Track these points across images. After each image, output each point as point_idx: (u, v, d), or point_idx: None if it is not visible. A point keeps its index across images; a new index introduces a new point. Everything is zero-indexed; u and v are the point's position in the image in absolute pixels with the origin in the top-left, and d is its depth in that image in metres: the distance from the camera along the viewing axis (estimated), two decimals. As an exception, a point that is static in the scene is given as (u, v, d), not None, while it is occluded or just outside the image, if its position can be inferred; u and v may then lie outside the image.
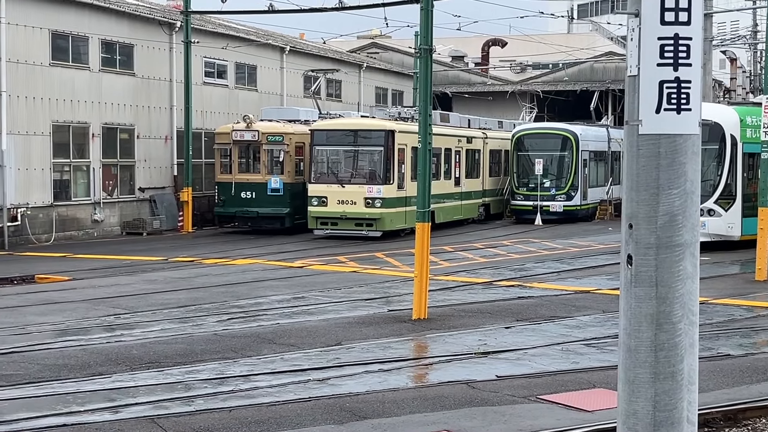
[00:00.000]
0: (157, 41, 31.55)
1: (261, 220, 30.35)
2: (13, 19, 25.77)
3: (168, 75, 32.17)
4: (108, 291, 17.69)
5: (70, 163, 28.36)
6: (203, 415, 9.07)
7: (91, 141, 29.00)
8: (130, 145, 30.84)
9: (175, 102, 32.29)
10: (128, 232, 30.26)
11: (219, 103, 35.12)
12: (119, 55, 30.18)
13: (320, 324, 14.17)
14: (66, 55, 28.03)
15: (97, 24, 29.03)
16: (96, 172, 29.19)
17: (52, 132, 27.43)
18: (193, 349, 12.17)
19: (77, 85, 28.35)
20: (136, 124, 30.95)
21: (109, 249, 25.71)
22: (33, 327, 13.85)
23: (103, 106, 29.42)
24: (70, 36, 28.11)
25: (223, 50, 34.44)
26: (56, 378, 10.60)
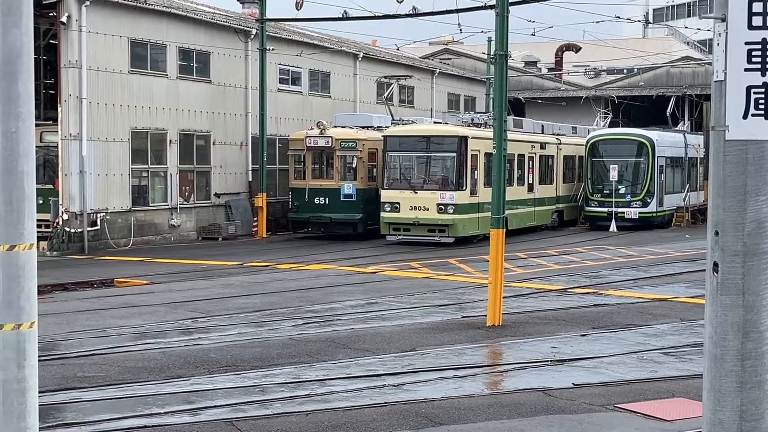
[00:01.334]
0: (232, 49, 31.97)
1: (334, 226, 30.53)
2: (93, 27, 26.34)
3: (243, 82, 32.56)
4: (185, 295, 17.96)
5: (148, 169, 28.87)
6: (280, 418, 9.16)
7: (168, 147, 29.49)
8: (206, 152, 31.28)
9: (250, 109, 32.68)
10: (204, 237, 30.70)
11: (293, 109, 35.43)
12: (196, 63, 30.65)
13: (394, 330, 14.20)
14: (144, 62, 28.56)
15: (174, 32, 29.53)
16: (173, 178, 29.67)
17: (130, 138, 27.96)
18: (269, 353, 12.29)
19: (155, 92, 28.86)
20: (212, 131, 31.39)
21: (185, 254, 26.10)
22: (113, 330, 14.11)
23: (180, 112, 29.91)
24: (148, 44, 28.64)
25: (297, 57, 34.75)
26: (136, 380, 10.80)
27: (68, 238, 25.92)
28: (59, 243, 25.82)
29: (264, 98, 31.76)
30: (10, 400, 7.39)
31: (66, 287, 19.43)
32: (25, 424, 7.46)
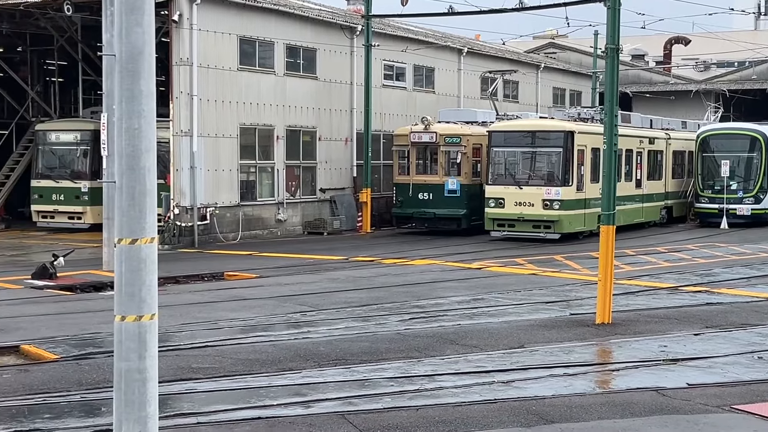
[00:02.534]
0: (338, 45, 32.21)
1: (438, 221, 30.53)
2: (204, 25, 26.87)
3: (348, 78, 32.80)
4: (293, 289, 18.19)
5: (256, 164, 29.33)
6: (391, 412, 9.20)
7: (275, 143, 29.91)
8: (312, 147, 31.61)
9: (355, 104, 32.91)
10: (309, 232, 31.04)
11: (397, 105, 35.53)
12: (302, 60, 30.98)
13: (501, 326, 14.12)
14: (252, 59, 29.01)
15: (282, 29, 29.91)
16: (280, 173, 30.08)
17: (239, 134, 28.44)
18: (377, 348, 12.36)
19: (263, 88, 29.29)
20: (318, 127, 31.70)
21: (291, 248, 26.43)
22: (224, 322, 14.38)
23: (287, 109, 30.29)
24: (256, 41, 29.07)
25: (402, 53, 34.82)
26: (248, 372, 10.98)
27: (179, 232, 26.52)
28: (170, 237, 26.43)
29: (369, 94, 31.93)
30: (132, 390, 7.60)
31: (178, 280, 19.88)
32: (145, 413, 7.66)
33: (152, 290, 7.82)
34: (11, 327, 13.77)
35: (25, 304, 16.19)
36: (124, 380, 7.62)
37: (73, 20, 30.02)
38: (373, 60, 32.24)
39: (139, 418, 7.62)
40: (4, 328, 13.70)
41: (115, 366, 7.71)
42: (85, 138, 30.89)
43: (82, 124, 31.47)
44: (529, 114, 34.03)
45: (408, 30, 37.43)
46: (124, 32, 7.59)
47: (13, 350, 12.38)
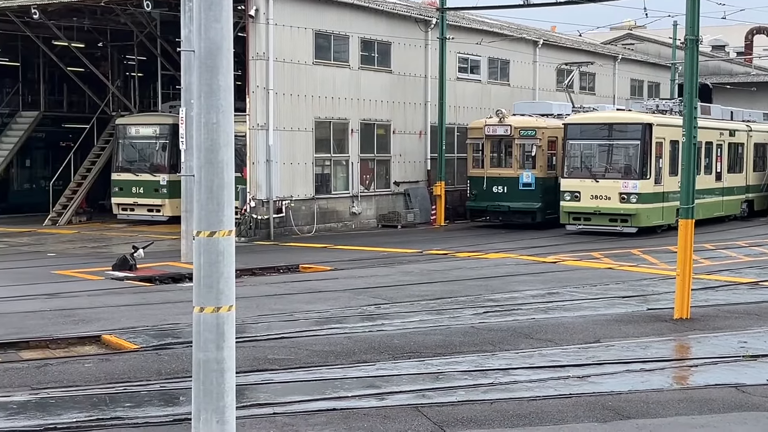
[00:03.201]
0: (413, 38, 32.21)
1: (512, 215, 30.37)
2: (280, 20, 27.10)
3: (423, 71, 32.78)
4: (367, 281, 18.28)
5: (331, 157, 29.51)
6: (465, 406, 9.21)
7: (350, 136, 30.05)
8: (386, 140, 31.69)
9: (430, 98, 32.88)
10: (383, 225, 31.14)
11: (471, 98, 35.41)
12: (377, 53, 31.06)
13: (576, 321, 14.01)
14: (327, 53, 29.17)
15: (357, 23, 30.03)
16: (354, 167, 30.23)
17: (314, 128, 28.64)
18: (451, 341, 12.36)
19: (338, 82, 29.44)
20: (392, 120, 31.76)
21: (365, 241, 26.55)
22: (300, 314, 14.52)
23: (362, 102, 30.41)
24: (331, 35, 29.23)
25: (476, 45, 34.68)
26: (324, 364, 11.08)
27: (255, 224, 26.82)
28: (246, 229, 26.75)
29: (443, 87, 31.90)
30: (210, 380, 7.73)
31: (254, 272, 20.12)
32: (223, 403, 7.79)
33: (230, 282, 7.95)
34: (92, 317, 14.09)
35: (106, 294, 16.56)
36: (202, 370, 7.76)
37: (152, 16, 30.51)
38: (448, 53, 32.18)
39: (218, 407, 7.75)
40: (85, 318, 14.03)
41: (193, 356, 7.86)
42: (164, 132, 31.41)
43: (161, 118, 32.01)
44: (605, 106, 33.66)
45: (483, 22, 37.26)
46: (202, 28, 7.71)
47: (95, 340, 12.68)
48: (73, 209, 32.38)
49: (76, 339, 12.63)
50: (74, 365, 10.94)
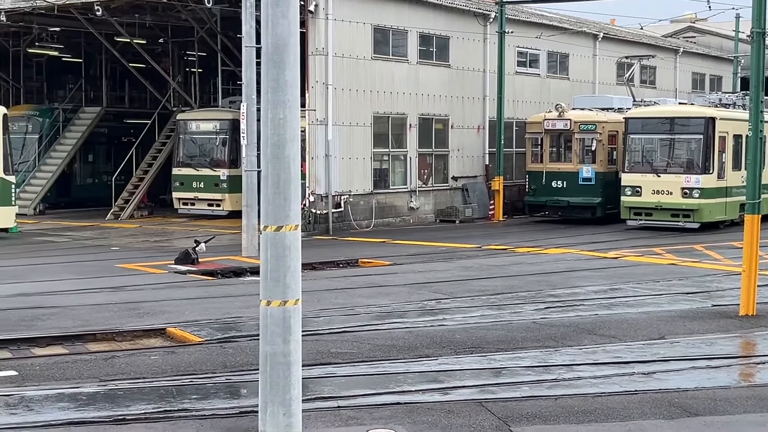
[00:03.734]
0: (471, 33, 32.10)
1: (571, 210, 30.15)
2: (339, 15, 27.18)
3: (481, 65, 32.67)
4: (427, 276, 18.28)
5: (389, 152, 29.54)
6: (530, 401, 9.17)
7: (408, 131, 30.06)
8: (445, 135, 31.64)
9: (488, 92, 32.76)
10: (441, 220, 31.12)
11: (530, 92, 35.20)
12: (435, 48, 31.02)
13: (640, 317, 13.87)
14: (386, 48, 29.20)
15: (415, 18, 30.00)
16: (412, 162, 30.23)
17: (372, 123, 28.69)
18: (513, 336, 12.32)
19: (396, 77, 29.46)
20: (450, 115, 31.70)
21: (424, 236, 26.54)
22: (360, 308, 14.57)
23: (420, 97, 30.39)
24: (390, 30, 29.24)
25: (535, 39, 34.47)
26: (386, 358, 11.11)
27: (314, 219, 26.96)
28: (305, 224, 26.85)
29: (502, 81, 31.76)
30: (277, 373, 7.82)
31: (314, 266, 20.21)
32: (290, 396, 7.87)
33: (296, 276, 8.03)
34: (157, 310, 14.29)
35: (170, 288, 16.77)
36: (269, 363, 7.85)
37: (213, 12, 30.80)
38: (507, 47, 32.02)
39: (284, 400, 7.83)
40: (150, 311, 14.23)
41: (260, 349, 7.95)
42: (224, 127, 31.68)
43: (221, 114, 32.30)
44: (667, 100, 33.29)
45: (542, 16, 37.00)
46: (270, 24, 7.79)
47: (160, 333, 12.85)
48: (134, 204, 32.83)
49: (141, 332, 12.81)
50: (141, 357, 11.10)
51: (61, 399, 9.20)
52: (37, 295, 15.58)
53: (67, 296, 15.59)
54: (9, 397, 9.22)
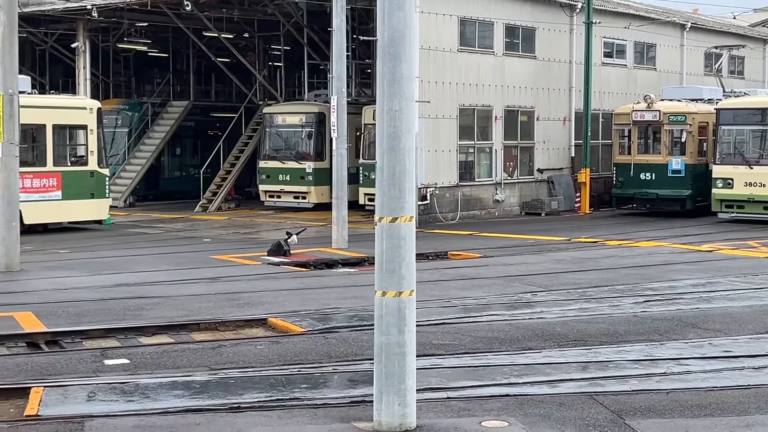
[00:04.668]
0: (557, 23, 31.82)
1: (660, 202, 29.72)
2: (426, 8, 27.17)
3: (567, 57, 32.36)
4: (519, 269, 18.21)
5: (474, 145, 29.47)
6: (640, 395, 9.09)
7: (493, 123, 29.94)
8: (530, 127, 31.44)
9: (574, 83, 32.45)
10: (527, 213, 30.95)
11: (616, 83, 34.75)
12: (521, 39, 30.83)
13: (743, 310, 13.63)
14: (472, 40, 29.12)
15: (501, 9, 29.86)
16: (498, 154, 30.12)
17: (458, 115, 28.63)
18: (615, 330, 12.21)
19: (482, 69, 29.36)
20: (536, 106, 31.49)
21: (510, 228, 26.43)
22: (457, 300, 14.57)
23: (505, 89, 30.24)
24: (476, 22, 29.15)
25: (622, 30, 34.03)
26: (489, 350, 11.11)
27: (400, 211, 26.97)
28: (392, 216, 26.93)
29: (589, 73, 31.44)
30: (392, 363, 7.88)
31: (404, 258, 20.25)
32: (404, 386, 7.93)
33: (411, 267, 8.07)
34: (256, 301, 14.48)
35: (266, 279, 16.99)
36: (384, 354, 7.91)
37: (299, 6, 31.06)
38: (593, 37, 31.66)
39: (399, 390, 7.89)
40: (249, 302, 14.43)
41: (375, 340, 8.02)
42: (310, 120, 31.91)
43: (307, 107, 32.55)
44: (756, 90, 32.57)
45: (628, 6, 36.47)
46: (386, 17, 7.83)
47: (261, 323, 13.02)
48: (222, 196, 33.30)
49: (243, 321, 13.00)
50: (247, 347, 11.27)
51: (174, 387, 9.39)
52: (137, 286, 15.93)
53: (167, 287, 15.90)
54: (125, 384, 9.45)
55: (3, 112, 17.35)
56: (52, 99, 26.65)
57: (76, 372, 10.05)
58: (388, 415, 7.86)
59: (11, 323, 12.60)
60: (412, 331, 8.01)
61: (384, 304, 7.94)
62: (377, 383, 7.95)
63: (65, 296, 14.79)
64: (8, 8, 17.48)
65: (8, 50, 17.49)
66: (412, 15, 7.85)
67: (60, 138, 25.42)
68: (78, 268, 18.18)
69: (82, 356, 10.78)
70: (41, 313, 13.19)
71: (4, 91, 17.42)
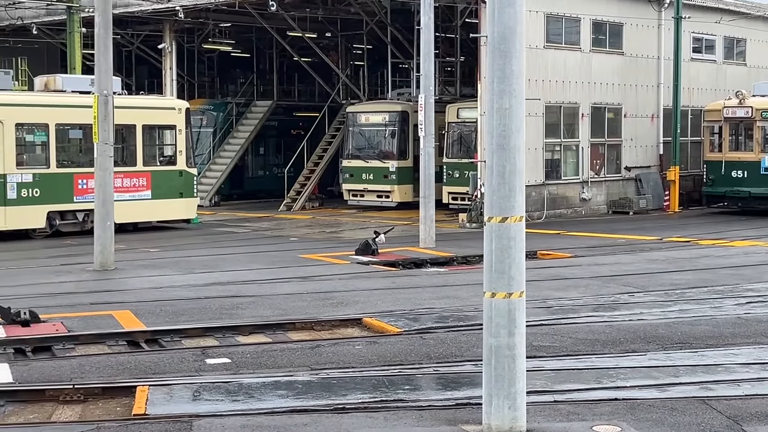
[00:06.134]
0: (645, 19, 31.26)
1: (752, 201, 29.04)
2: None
3: (655, 52, 31.77)
4: (612, 269, 17.88)
5: (561, 142, 29.10)
6: (755, 400, 8.79)
7: (580, 121, 29.53)
8: (617, 124, 30.96)
9: (662, 79, 31.86)
10: (614, 211, 30.48)
11: (706, 79, 34.02)
12: (608, 35, 30.34)
13: None
14: (558, 37, 28.76)
15: (588, 5, 29.44)
16: (584, 152, 29.70)
17: (544, 113, 28.29)
18: (720, 332, 11.88)
19: (569, 66, 28.97)
20: (623, 103, 30.98)
21: (599, 227, 26.03)
22: (552, 301, 14.34)
23: (592, 86, 29.81)
24: (563, 18, 28.78)
25: (711, 24, 33.26)
26: (591, 352, 10.89)
27: (486, 210, 26.75)
28: (477, 215, 26.71)
29: (678, 68, 30.83)
30: (502, 366, 7.73)
31: (493, 258, 20.05)
32: (515, 389, 7.77)
33: (521, 268, 7.93)
34: (349, 300, 14.45)
35: (357, 279, 16.95)
36: (494, 356, 7.76)
37: (383, 4, 31.03)
38: (682, 32, 31.02)
39: (509, 393, 7.74)
40: (342, 301, 14.40)
41: (484, 342, 7.88)
42: (393, 119, 31.86)
43: (391, 106, 32.50)
44: None
45: (719, 0, 35.65)
46: (496, 13, 7.68)
47: (356, 322, 12.96)
48: (306, 195, 33.45)
49: (338, 321, 12.95)
50: (345, 347, 11.22)
51: (278, 387, 9.38)
52: (231, 284, 16.03)
53: (260, 286, 15.97)
54: (228, 384, 9.46)
55: (98, 112, 17.64)
56: (141, 99, 27.03)
57: (179, 371, 10.11)
58: (497, 418, 7.72)
59: (111, 322, 12.76)
60: (522, 333, 7.85)
61: (493, 306, 7.80)
62: (486, 386, 7.80)
63: (161, 295, 14.95)
64: (102, 9, 17.75)
65: (102, 51, 17.77)
66: (522, 11, 7.69)
67: (149, 138, 25.78)
68: (171, 267, 18.39)
69: (184, 355, 10.84)
70: (139, 312, 13.34)
71: (99, 92, 17.71)
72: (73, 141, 24.70)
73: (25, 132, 23.62)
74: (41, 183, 23.37)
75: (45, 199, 23.42)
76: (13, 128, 22.99)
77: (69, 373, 9.98)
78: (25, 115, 23.37)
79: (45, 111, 23.60)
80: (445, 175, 29.88)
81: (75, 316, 13.01)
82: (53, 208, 23.68)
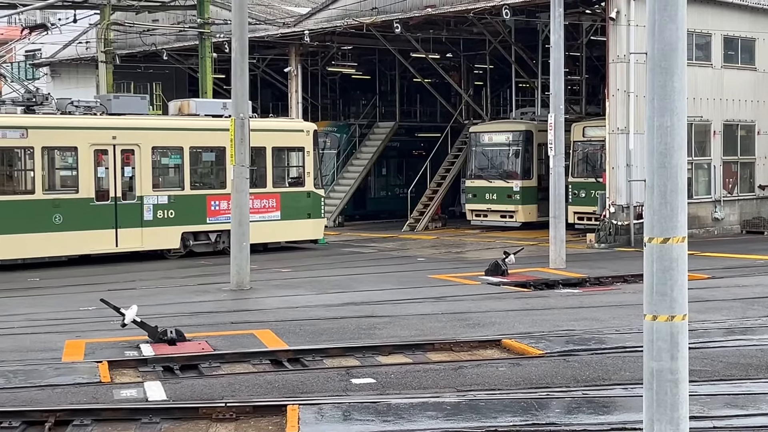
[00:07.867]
0: (778, 33, 30.38)
1: None
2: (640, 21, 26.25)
3: (790, 68, 30.81)
4: (755, 291, 17.31)
5: (692, 161, 28.34)
6: None
7: (711, 138, 28.80)
8: (750, 142, 30.10)
9: (798, 95, 30.85)
10: (747, 231, 29.57)
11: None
12: (740, 51, 29.56)
13: None
14: (689, 53, 27.97)
15: (718, 20, 28.73)
16: (716, 170, 28.94)
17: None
18: None
19: (699, 82, 28.28)
20: (757, 120, 30.09)
21: (733, 248, 25.28)
22: (696, 324, 13.88)
23: (724, 102, 29.06)
24: (693, 34, 28.09)
25: None
26: (746, 377, 10.53)
27: (615, 230, 26.31)
28: (606, 235, 26.32)
29: (813, 83, 29.82)
30: (664, 390, 7.50)
31: (626, 279, 19.70)
32: (678, 414, 7.53)
33: (683, 290, 7.70)
34: (486, 321, 14.34)
35: (489, 299, 16.83)
36: (655, 380, 7.55)
37: (507, 24, 30.91)
38: (817, 47, 30.05)
39: (672, 419, 7.51)
40: (479, 322, 14.30)
41: (645, 366, 7.66)
42: (517, 138, 31.64)
43: (514, 125, 32.30)
44: None
45: None
46: (656, 29, 7.52)
47: (495, 344, 12.83)
48: (429, 215, 33.47)
49: (476, 342, 12.84)
50: (488, 368, 11.12)
51: (426, 408, 9.33)
52: (365, 305, 16.11)
53: (394, 306, 16.00)
54: (377, 404, 9.47)
55: (234, 135, 18.01)
56: (270, 122, 27.52)
57: (325, 390, 10.18)
58: (660, 444, 7.50)
59: (253, 341, 12.95)
60: (684, 357, 7.61)
61: (654, 329, 7.60)
62: (647, 411, 7.59)
63: (299, 314, 15.12)
64: (239, 35, 18.13)
65: (239, 75, 18.15)
66: (683, 27, 7.52)
67: (278, 160, 26.21)
68: (304, 287, 18.60)
69: (329, 374, 10.91)
70: (279, 331, 13.50)
71: (235, 116, 18.09)
72: (206, 163, 25.29)
73: (161, 155, 24.29)
74: (176, 205, 23.99)
75: (179, 221, 24.02)
76: (149, 152, 23.68)
77: (219, 391, 10.15)
78: (160, 139, 24.05)
79: (179, 134, 24.25)
80: (571, 195, 29.48)
81: (218, 335, 13.26)
82: (187, 229, 24.27)
